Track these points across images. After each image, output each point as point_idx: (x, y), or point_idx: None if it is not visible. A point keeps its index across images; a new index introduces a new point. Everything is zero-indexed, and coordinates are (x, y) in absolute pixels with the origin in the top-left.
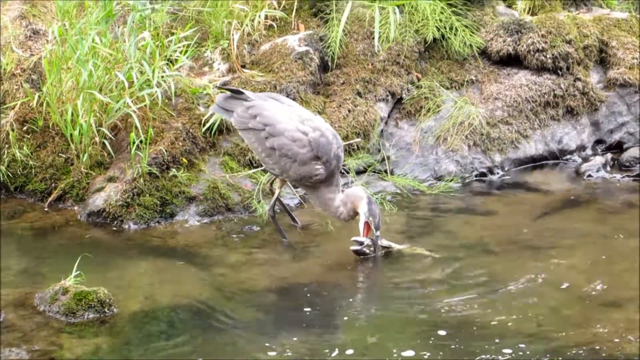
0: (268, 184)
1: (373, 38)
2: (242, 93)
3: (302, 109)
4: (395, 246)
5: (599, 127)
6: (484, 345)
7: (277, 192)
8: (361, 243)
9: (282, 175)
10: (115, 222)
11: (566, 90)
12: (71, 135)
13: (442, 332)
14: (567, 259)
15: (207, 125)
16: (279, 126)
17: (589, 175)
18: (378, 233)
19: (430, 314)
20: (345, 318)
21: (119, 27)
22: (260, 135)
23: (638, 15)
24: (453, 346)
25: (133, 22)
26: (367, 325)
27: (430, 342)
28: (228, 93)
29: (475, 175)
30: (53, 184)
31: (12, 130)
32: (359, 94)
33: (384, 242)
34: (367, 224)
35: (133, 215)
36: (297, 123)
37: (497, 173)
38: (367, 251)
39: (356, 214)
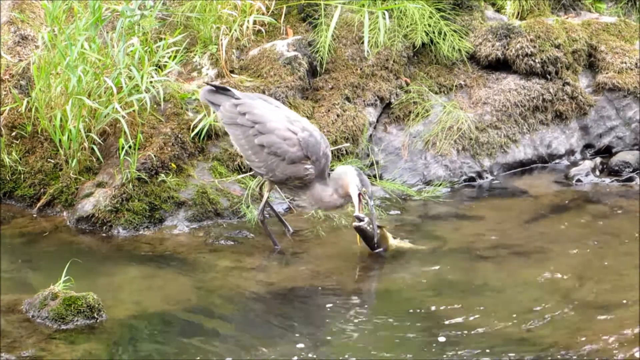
0: (257, 188)
1: (362, 43)
2: (228, 90)
3: (290, 111)
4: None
5: (588, 132)
6: (479, 351)
7: (265, 195)
8: (361, 220)
9: (267, 174)
10: (104, 228)
11: (555, 95)
12: (60, 140)
13: (442, 339)
14: (557, 263)
15: (196, 130)
16: (270, 124)
17: (578, 180)
18: (372, 202)
19: (423, 319)
20: (338, 324)
21: (107, 32)
22: (248, 132)
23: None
24: (450, 352)
25: (122, 27)
26: (361, 331)
27: (433, 348)
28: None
29: (464, 180)
30: (42, 190)
31: (1, 135)
32: (347, 98)
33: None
34: (360, 195)
35: (122, 221)
36: (287, 123)
37: (486, 177)
38: (368, 228)
39: (347, 194)
